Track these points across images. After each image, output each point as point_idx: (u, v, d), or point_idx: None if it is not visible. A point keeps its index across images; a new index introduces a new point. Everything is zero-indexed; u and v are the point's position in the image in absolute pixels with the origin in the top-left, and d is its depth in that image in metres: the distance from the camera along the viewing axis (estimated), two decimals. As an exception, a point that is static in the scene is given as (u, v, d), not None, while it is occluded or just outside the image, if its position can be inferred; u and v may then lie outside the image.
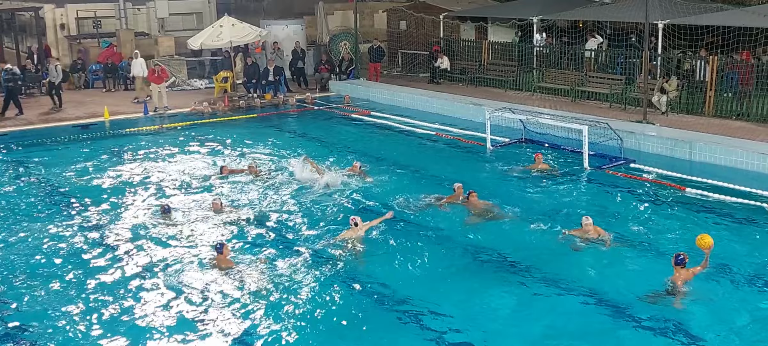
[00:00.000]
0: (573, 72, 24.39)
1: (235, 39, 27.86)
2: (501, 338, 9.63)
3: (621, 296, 10.53)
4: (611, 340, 9.53)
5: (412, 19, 31.61)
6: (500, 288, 11.01)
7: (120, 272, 11.95)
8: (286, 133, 22.21)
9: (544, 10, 27.04)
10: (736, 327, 9.65)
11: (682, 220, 13.43)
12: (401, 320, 10.16)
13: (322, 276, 11.53)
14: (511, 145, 19.48)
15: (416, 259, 12.12)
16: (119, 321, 10.31)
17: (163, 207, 14.54)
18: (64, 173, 17.89)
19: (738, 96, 20.06)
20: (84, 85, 30.60)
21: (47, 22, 34.06)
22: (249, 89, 27.78)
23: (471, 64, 27.78)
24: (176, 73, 30.15)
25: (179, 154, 19.58)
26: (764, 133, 18.00)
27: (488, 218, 13.83)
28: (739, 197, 14.60)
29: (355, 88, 27.96)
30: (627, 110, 21.35)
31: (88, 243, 13.26)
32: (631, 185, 15.68)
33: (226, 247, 12.05)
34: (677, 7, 22.73)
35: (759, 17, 20.21)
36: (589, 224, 12.38)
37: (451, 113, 23.67)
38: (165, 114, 25.02)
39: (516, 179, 16.33)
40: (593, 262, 11.87)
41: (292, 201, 15.18)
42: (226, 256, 11.90)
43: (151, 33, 35.76)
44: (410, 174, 17.03)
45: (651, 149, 18.18)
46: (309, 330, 9.96)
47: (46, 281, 11.64)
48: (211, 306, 10.67)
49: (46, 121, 23.97)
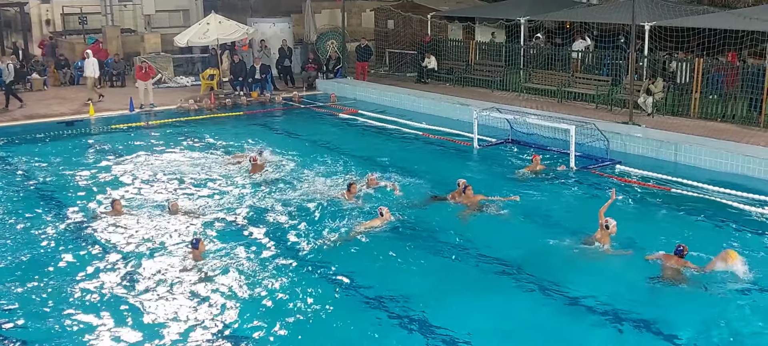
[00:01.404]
0: (560, 73, 24.45)
1: (222, 37, 27.77)
2: (492, 336, 9.66)
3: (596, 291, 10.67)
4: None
5: (400, 19, 31.60)
6: (492, 288, 11.05)
7: (102, 272, 11.79)
8: (271, 132, 22.16)
9: (532, 10, 27.09)
10: (715, 324, 9.73)
11: (667, 220, 13.47)
12: (389, 317, 10.16)
13: (309, 273, 11.53)
14: (497, 145, 19.51)
15: (402, 255, 12.13)
16: (101, 319, 10.23)
17: (172, 206, 14.40)
18: (47, 170, 17.76)
19: (723, 98, 20.17)
20: (70, 82, 30.40)
21: (32, 17, 33.91)
22: (235, 87, 27.70)
23: (458, 64, 27.80)
24: (162, 71, 30.03)
25: (164, 151, 19.48)
26: (748, 136, 18.09)
27: (478, 210, 14.00)
28: (723, 198, 14.68)
29: (342, 87, 27.93)
30: (613, 111, 21.42)
31: (66, 242, 13.09)
32: (617, 186, 15.71)
33: (201, 242, 12.09)
34: (664, 9, 22.82)
35: (744, 20, 20.32)
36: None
37: (438, 113, 23.67)
38: (151, 111, 24.90)
39: (503, 179, 16.33)
40: (578, 260, 11.94)
41: (280, 198, 15.18)
42: (201, 251, 11.95)
43: (137, 30, 35.65)
44: (398, 173, 17.00)
45: (636, 151, 18.24)
46: (299, 329, 9.92)
47: (21, 279, 11.50)
48: (195, 303, 10.61)
49: (30, 117, 23.80)
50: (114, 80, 29.83)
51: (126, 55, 31.55)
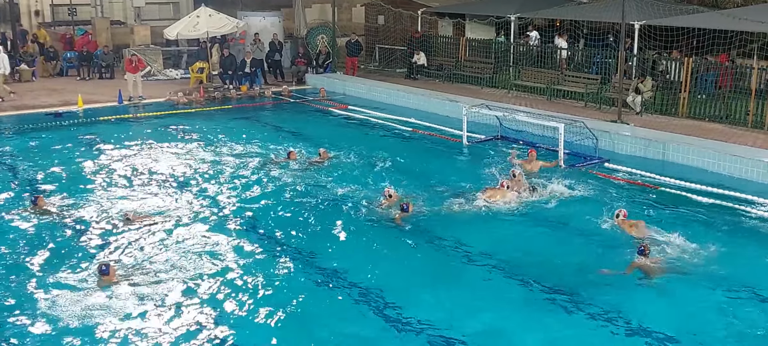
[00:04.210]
0: (549, 71, 24.50)
1: (212, 30, 27.69)
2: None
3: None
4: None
5: (391, 14, 31.58)
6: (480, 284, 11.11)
7: (86, 271, 11.50)
8: (260, 125, 22.11)
9: (522, 8, 27.13)
10: (701, 323, 9.80)
11: (654, 219, 13.51)
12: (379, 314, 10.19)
13: (295, 270, 11.55)
14: (486, 141, 19.54)
15: (389, 250, 12.16)
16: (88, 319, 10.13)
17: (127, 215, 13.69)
18: (32, 161, 17.69)
19: (713, 98, 20.26)
20: (58, 73, 30.24)
21: (21, 8, 33.70)
22: (225, 80, 27.62)
23: (448, 61, 27.81)
24: (152, 63, 29.91)
25: (152, 145, 19.41)
26: (737, 136, 18.18)
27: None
28: (710, 197, 14.75)
29: (332, 82, 27.90)
30: (602, 110, 21.47)
31: (49, 236, 12.95)
32: (605, 184, 15.78)
33: (112, 267, 11.00)
34: (654, 8, 22.89)
35: (734, 20, 20.40)
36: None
37: (427, 109, 23.67)
38: (139, 104, 24.81)
39: (491, 175, 16.35)
40: (564, 252, 12.03)
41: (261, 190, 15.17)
42: (111, 277, 10.87)
43: (127, 22, 35.48)
44: (385, 168, 17.01)
45: (625, 149, 18.30)
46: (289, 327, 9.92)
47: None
48: (186, 305, 10.59)
49: (18, 108, 23.67)
50: (103, 72, 29.68)
51: (115, 47, 31.39)
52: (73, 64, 30.35)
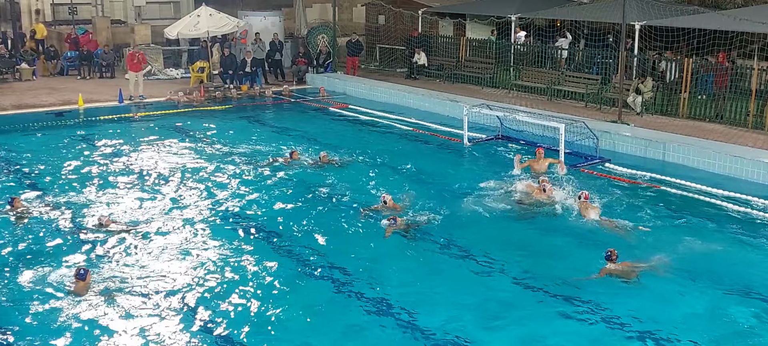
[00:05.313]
0: (550, 71, 24.50)
1: (213, 29, 27.68)
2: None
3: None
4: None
5: (391, 14, 31.59)
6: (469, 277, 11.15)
7: (60, 273, 11.36)
8: (261, 125, 22.12)
9: (522, 8, 27.14)
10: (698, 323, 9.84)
11: (653, 219, 13.53)
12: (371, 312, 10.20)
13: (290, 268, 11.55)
14: (487, 141, 19.55)
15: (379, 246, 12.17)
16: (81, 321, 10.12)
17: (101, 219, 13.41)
18: (33, 160, 17.69)
19: (712, 98, 20.27)
20: (59, 72, 30.24)
21: (22, 7, 33.69)
22: (225, 80, 27.62)
23: (449, 61, 27.81)
24: (152, 62, 29.92)
25: (152, 144, 19.42)
26: (736, 136, 18.19)
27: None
28: (710, 197, 14.79)
29: (333, 82, 27.91)
30: (602, 110, 21.47)
31: (50, 235, 12.95)
32: (606, 184, 15.79)
33: (89, 274, 10.77)
34: (654, 8, 22.90)
35: (734, 21, 20.42)
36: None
37: (428, 109, 23.69)
38: (140, 103, 24.81)
39: (492, 174, 16.36)
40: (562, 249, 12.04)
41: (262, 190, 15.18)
42: (86, 283, 10.62)
43: (127, 21, 35.48)
44: (386, 168, 17.03)
45: (625, 149, 18.31)
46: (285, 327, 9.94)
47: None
48: (180, 302, 10.61)
49: (19, 107, 23.68)
50: (103, 72, 29.67)
51: (116, 47, 31.40)
52: (74, 63, 30.35)
